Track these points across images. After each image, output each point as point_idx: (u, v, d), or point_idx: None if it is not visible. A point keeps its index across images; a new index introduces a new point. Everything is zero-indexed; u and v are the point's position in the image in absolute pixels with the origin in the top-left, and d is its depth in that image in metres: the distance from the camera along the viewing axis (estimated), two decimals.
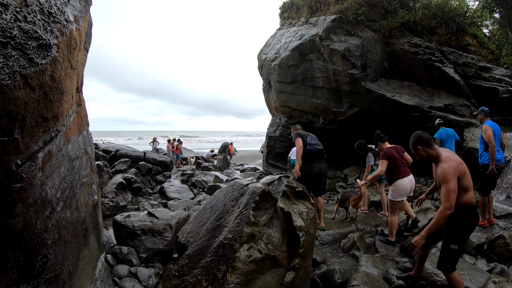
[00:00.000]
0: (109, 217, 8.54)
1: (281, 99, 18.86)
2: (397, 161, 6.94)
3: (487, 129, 6.89)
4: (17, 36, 2.69)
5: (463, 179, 3.94)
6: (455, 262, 4.18)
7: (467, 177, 3.98)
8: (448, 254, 4.17)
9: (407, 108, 13.84)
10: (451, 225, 4.16)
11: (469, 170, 4.11)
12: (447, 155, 4.09)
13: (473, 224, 4.13)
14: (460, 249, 4.16)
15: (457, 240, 4.12)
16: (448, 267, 4.19)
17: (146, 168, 14.28)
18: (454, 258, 4.16)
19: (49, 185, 3.40)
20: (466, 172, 3.99)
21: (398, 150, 7.21)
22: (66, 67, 3.64)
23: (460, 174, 3.92)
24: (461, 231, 4.13)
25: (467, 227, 4.13)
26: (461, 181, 3.93)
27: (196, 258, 4.01)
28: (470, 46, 14.32)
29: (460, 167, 3.94)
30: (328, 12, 16.52)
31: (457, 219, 4.10)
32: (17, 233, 2.86)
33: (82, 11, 4.51)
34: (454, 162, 3.96)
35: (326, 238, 7.08)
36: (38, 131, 3.12)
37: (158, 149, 26.22)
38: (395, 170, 6.84)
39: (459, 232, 4.13)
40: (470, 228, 4.16)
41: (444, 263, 4.22)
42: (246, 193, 4.51)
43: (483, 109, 7.40)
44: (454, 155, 4.16)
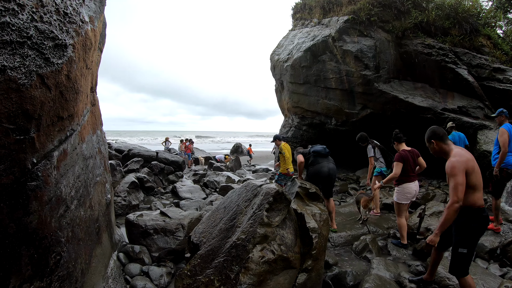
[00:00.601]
0: (121, 215, 8.59)
1: (294, 100, 18.83)
2: (410, 165, 6.93)
3: (504, 132, 6.86)
4: (33, 36, 2.72)
5: (471, 176, 3.91)
6: (466, 266, 4.13)
7: (476, 175, 3.95)
8: (458, 258, 4.14)
9: (420, 110, 13.73)
10: (459, 228, 4.14)
11: (481, 173, 4.07)
12: (458, 151, 4.08)
13: (482, 227, 4.07)
14: (470, 252, 4.10)
15: (465, 243, 4.08)
16: (459, 271, 4.16)
17: (159, 167, 14.33)
18: (465, 262, 4.11)
19: (63, 183, 3.42)
20: (476, 169, 3.97)
21: (413, 154, 7.21)
22: (82, 67, 3.67)
23: (469, 169, 3.89)
24: (469, 234, 4.08)
25: (475, 230, 4.07)
26: (470, 178, 3.90)
27: (208, 258, 4.01)
28: (484, 47, 14.16)
29: (469, 163, 3.92)
30: (341, 13, 16.46)
31: (465, 222, 4.07)
32: (32, 230, 2.89)
33: (97, 11, 4.54)
34: (463, 157, 3.95)
35: (338, 240, 7.05)
36: (54, 130, 3.15)
37: (170, 149, 26.30)
38: (405, 173, 6.80)
39: (467, 236, 4.08)
40: (479, 231, 4.10)
41: (455, 267, 4.20)
42: (259, 194, 4.51)
43: (502, 111, 7.41)
44: (465, 151, 4.14)
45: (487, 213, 4.10)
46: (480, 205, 3.99)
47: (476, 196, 3.97)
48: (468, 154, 4.10)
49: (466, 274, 4.14)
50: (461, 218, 4.04)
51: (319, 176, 7.48)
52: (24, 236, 2.82)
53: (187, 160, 23.40)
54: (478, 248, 6.24)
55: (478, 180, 3.96)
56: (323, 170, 7.49)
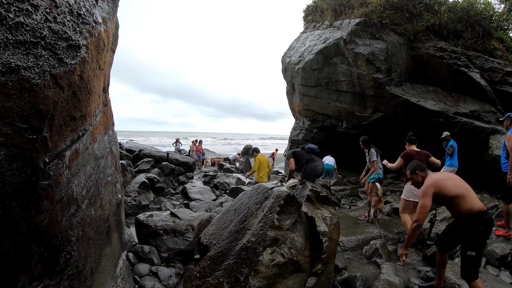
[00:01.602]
0: (131, 215, 8.63)
1: (305, 103, 18.81)
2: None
3: (511, 137, 6.78)
4: (47, 36, 2.74)
5: (448, 190, 4.26)
6: (475, 269, 4.21)
7: (454, 186, 4.28)
8: (467, 261, 4.24)
9: (432, 114, 13.64)
10: (465, 234, 4.28)
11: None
12: (431, 175, 4.57)
13: (485, 229, 4.16)
14: (479, 255, 4.18)
15: (472, 246, 4.19)
16: (469, 275, 4.23)
17: (169, 168, 14.40)
18: (474, 265, 4.20)
19: (75, 183, 3.44)
20: (452, 182, 4.34)
21: (422, 155, 7.38)
22: (95, 67, 3.69)
23: (441, 187, 4.28)
24: (474, 238, 4.18)
25: (479, 234, 4.17)
26: (447, 192, 4.26)
27: (218, 260, 4.01)
28: (496, 51, 14.04)
29: (440, 183, 4.31)
30: (353, 16, 16.42)
31: (468, 228, 4.22)
32: (43, 229, 2.90)
33: (110, 12, 4.57)
34: (432, 180, 4.38)
35: (348, 244, 7.02)
36: (66, 129, 3.17)
37: (181, 149, 26.38)
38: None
39: (473, 240, 4.20)
40: (484, 233, 4.18)
41: (465, 271, 4.27)
42: (270, 197, 4.50)
43: (509, 115, 7.29)
44: (440, 174, 4.61)
45: (489, 215, 4.21)
46: (479, 209, 4.15)
47: (468, 203, 4.19)
48: (442, 175, 4.56)
49: (476, 278, 4.21)
50: (464, 225, 4.26)
51: (315, 173, 8.22)
52: (35, 234, 2.84)
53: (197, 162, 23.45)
54: (488, 255, 6.20)
55: (460, 189, 4.27)
56: (319, 168, 8.29)
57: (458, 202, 4.23)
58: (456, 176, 4.53)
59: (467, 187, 4.35)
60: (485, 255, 4.46)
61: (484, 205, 4.23)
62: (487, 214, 4.17)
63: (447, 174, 4.53)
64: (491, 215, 4.23)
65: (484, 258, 6.21)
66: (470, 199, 4.21)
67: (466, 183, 4.47)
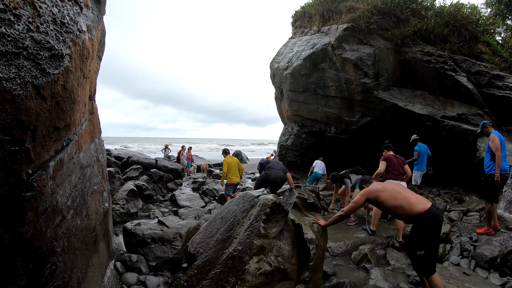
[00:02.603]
0: (120, 223, 8.57)
1: (293, 108, 18.85)
2: (394, 165, 7.91)
3: (495, 138, 7.11)
4: (29, 47, 2.71)
5: (380, 200, 4.70)
6: (430, 265, 4.48)
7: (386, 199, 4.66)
8: (418, 260, 4.56)
9: (420, 118, 13.73)
10: (412, 234, 4.64)
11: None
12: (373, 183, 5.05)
13: (430, 227, 4.40)
14: (429, 253, 4.44)
15: (420, 245, 4.48)
16: (425, 271, 4.53)
17: (158, 175, 14.35)
18: (426, 262, 4.48)
19: (59, 193, 3.41)
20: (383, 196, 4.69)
21: (399, 159, 8.13)
22: (79, 76, 3.66)
23: (371, 196, 4.76)
24: (421, 237, 4.47)
25: (426, 232, 4.43)
26: (380, 202, 4.72)
27: (205, 269, 4.00)
28: (483, 54, 14.21)
29: (373, 193, 4.76)
30: (340, 21, 16.51)
31: (414, 228, 4.58)
32: (27, 241, 2.87)
33: (95, 20, 4.54)
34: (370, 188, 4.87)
35: (337, 250, 7.02)
36: (50, 140, 3.13)
37: (170, 156, 26.29)
38: (389, 172, 7.79)
39: (420, 238, 4.49)
40: (430, 231, 4.43)
41: (420, 268, 4.64)
42: (257, 205, 4.49)
43: (484, 122, 7.72)
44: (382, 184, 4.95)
45: (432, 214, 4.39)
46: (419, 211, 4.42)
47: (407, 210, 4.50)
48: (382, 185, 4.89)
49: (433, 273, 4.49)
50: (413, 226, 4.62)
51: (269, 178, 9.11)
52: (19, 246, 2.80)
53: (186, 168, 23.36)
54: (478, 257, 6.29)
55: (397, 201, 4.60)
56: (272, 176, 9.11)
57: (398, 211, 4.60)
58: (395, 187, 4.80)
59: (406, 195, 4.62)
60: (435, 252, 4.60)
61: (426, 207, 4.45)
62: (429, 214, 4.38)
63: (387, 186, 4.82)
64: (435, 214, 4.41)
65: (474, 261, 6.28)
66: (409, 206, 4.49)
67: (405, 190, 4.82)
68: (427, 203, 4.51)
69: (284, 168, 9.58)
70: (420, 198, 4.65)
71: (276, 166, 9.43)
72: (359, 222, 8.80)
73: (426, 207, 4.43)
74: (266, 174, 9.05)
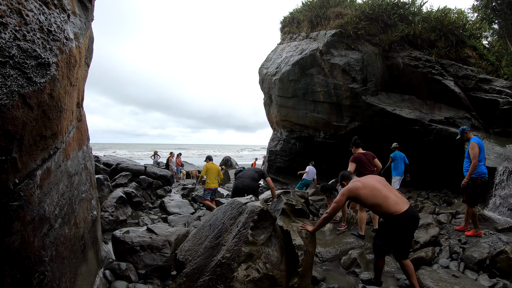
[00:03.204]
0: (109, 231, 8.51)
1: (282, 114, 18.90)
2: (365, 164, 8.11)
3: (475, 145, 7.46)
4: (15, 55, 2.69)
5: (361, 197, 4.87)
6: (381, 253, 5.12)
7: (367, 196, 4.83)
8: (374, 246, 5.20)
9: (408, 122, 13.84)
10: (380, 226, 5.25)
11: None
12: (353, 181, 5.12)
13: (396, 229, 4.76)
14: (384, 245, 5.02)
15: (380, 238, 5.05)
16: (376, 254, 5.22)
17: (147, 182, 14.28)
18: (379, 250, 5.10)
19: (47, 202, 3.39)
20: (370, 191, 4.84)
21: (368, 156, 8.40)
22: (66, 85, 3.65)
23: (352, 195, 4.92)
24: (384, 232, 5.01)
25: (389, 230, 4.88)
26: (361, 199, 4.89)
27: (194, 277, 3.99)
28: (469, 58, 14.38)
29: (354, 191, 4.89)
30: (329, 27, 16.62)
31: (384, 224, 5.00)
32: (15, 251, 2.84)
33: (82, 28, 4.53)
34: (350, 186, 4.99)
35: (326, 255, 7.03)
36: (37, 149, 3.12)
37: (159, 162, 26.18)
38: (361, 173, 7.80)
39: (383, 233, 5.05)
40: (393, 231, 4.82)
41: (374, 250, 5.27)
42: (244, 212, 4.50)
43: (463, 128, 8.10)
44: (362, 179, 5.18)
45: (401, 220, 4.68)
46: (394, 212, 4.67)
47: (386, 206, 4.73)
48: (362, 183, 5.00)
49: (380, 258, 5.18)
50: (384, 222, 4.97)
51: (236, 188, 9.05)
52: (7, 256, 2.77)
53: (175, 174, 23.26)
54: (467, 260, 6.36)
55: (376, 198, 4.80)
56: (239, 185, 8.99)
57: (376, 209, 4.84)
58: (375, 184, 4.94)
59: (385, 194, 4.81)
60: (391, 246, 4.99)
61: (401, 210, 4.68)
62: (400, 219, 4.66)
63: (367, 183, 4.96)
64: (406, 219, 4.68)
65: (463, 263, 6.34)
66: (386, 205, 4.72)
67: (387, 189, 4.96)
68: (403, 206, 4.73)
69: (256, 176, 9.39)
70: (399, 199, 4.84)
71: (246, 174, 9.32)
72: (348, 227, 8.77)
73: (401, 211, 4.66)
74: (235, 183, 9.13)
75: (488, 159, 10.91)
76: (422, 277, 5.45)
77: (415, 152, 13.92)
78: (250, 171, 9.37)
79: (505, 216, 9.11)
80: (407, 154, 11.65)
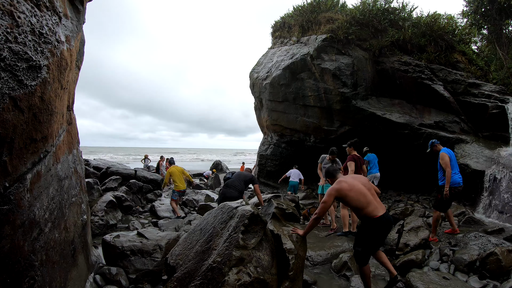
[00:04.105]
0: (99, 235, 8.45)
1: (273, 118, 18.90)
2: (357, 168, 8.62)
3: (444, 156, 7.67)
4: (7, 58, 2.68)
5: (347, 199, 4.94)
6: (364, 260, 5.07)
7: (352, 198, 4.91)
8: (356, 254, 5.16)
9: (398, 126, 13.93)
10: (358, 232, 5.26)
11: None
12: (342, 179, 5.16)
13: (373, 231, 4.93)
14: (365, 251, 5.03)
15: (359, 244, 5.08)
16: (359, 262, 5.14)
17: (137, 186, 14.21)
18: (361, 257, 5.07)
19: (37, 206, 3.36)
20: (349, 196, 4.91)
21: (360, 160, 8.96)
22: (56, 87, 3.63)
23: (340, 195, 4.95)
24: (363, 237, 5.07)
25: (367, 234, 4.99)
26: (347, 201, 4.97)
27: (185, 281, 3.97)
28: (459, 63, 14.54)
29: (341, 192, 4.93)
30: (319, 32, 16.69)
31: (360, 227, 5.18)
32: (4, 255, 2.82)
33: (74, 30, 4.51)
34: (338, 187, 4.97)
35: (317, 259, 7.03)
36: (27, 152, 3.10)
37: (150, 166, 26.07)
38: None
39: (361, 238, 5.09)
40: (371, 234, 4.96)
41: (356, 260, 5.19)
42: (235, 216, 4.49)
43: (433, 141, 8.42)
44: (349, 179, 5.16)
45: (379, 223, 4.87)
46: (374, 216, 4.83)
47: (367, 211, 4.87)
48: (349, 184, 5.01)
49: (365, 265, 5.11)
50: (361, 225, 5.15)
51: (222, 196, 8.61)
52: None
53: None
54: (457, 262, 6.37)
55: (359, 202, 4.90)
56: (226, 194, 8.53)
57: (358, 212, 4.97)
58: (361, 189, 5.00)
59: (369, 200, 4.94)
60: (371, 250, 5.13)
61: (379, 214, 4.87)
62: (378, 221, 4.85)
63: (354, 186, 5.00)
64: (383, 222, 4.89)
65: (453, 265, 6.38)
66: (368, 210, 4.86)
67: (370, 193, 5.07)
68: (381, 211, 4.92)
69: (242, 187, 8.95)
70: (378, 204, 5.01)
71: (233, 184, 8.93)
72: (338, 230, 8.79)
73: (379, 214, 4.85)
74: (222, 192, 8.97)
75: (477, 163, 11.03)
76: (413, 279, 5.49)
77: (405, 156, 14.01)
78: (237, 181, 9.08)
79: (494, 218, 9.20)
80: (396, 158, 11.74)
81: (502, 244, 6.63)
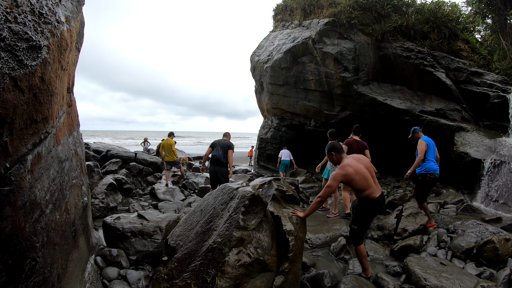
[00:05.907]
0: (99, 218, 8.50)
1: (273, 101, 18.88)
2: (354, 150, 8.46)
3: (422, 143, 7.85)
4: (6, 38, 2.66)
5: (353, 183, 5.02)
6: (359, 238, 5.28)
7: (358, 182, 4.99)
8: (352, 232, 5.37)
9: (399, 112, 13.91)
10: (355, 211, 5.30)
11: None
12: (346, 162, 5.12)
13: (369, 211, 5.17)
14: (360, 229, 5.25)
15: (356, 222, 5.26)
16: (354, 241, 5.34)
17: (137, 169, 14.25)
18: (357, 235, 5.28)
19: (38, 187, 3.37)
20: (359, 176, 4.99)
21: (360, 144, 8.77)
22: (57, 68, 3.61)
23: (347, 179, 4.99)
24: (359, 216, 5.23)
25: (364, 213, 5.19)
26: (352, 184, 5.06)
27: (185, 262, 3.99)
28: (462, 51, 14.46)
29: (348, 176, 4.96)
30: (322, 15, 16.58)
31: (358, 207, 5.24)
32: (6, 236, 2.83)
33: (74, 11, 4.47)
34: (345, 171, 4.97)
35: (316, 242, 7.07)
36: (27, 133, 3.09)
37: (150, 149, 26.08)
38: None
39: (358, 216, 5.25)
40: (367, 213, 5.20)
41: (351, 238, 5.42)
42: (235, 197, 4.51)
43: (414, 128, 8.47)
44: (353, 162, 5.12)
45: (375, 204, 5.10)
46: (373, 197, 5.05)
47: (368, 192, 5.05)
48: (353, 166, 5.05)
49: (360, 244, 5.29)
50: (359, 205, 5.22)
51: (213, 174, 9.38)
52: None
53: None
54: (454, 248, 6.39)
55: (364, 185, 5.03)
56: (210, 169, 9.43)
57: (359, 193, 5.12)
58: (365, 175, 5.09)
59: (371, 183, 5.09)
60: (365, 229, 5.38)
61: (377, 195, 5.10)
62: (374, 203, 5.09)
63: (359, 170, 5.04)
64: (379, 202, 5.14)
65: (450, 252, 6.42)
66: (369, 191, 5.05)
67: (371, 176, 5.22)
68: (379, 192, 5.15)
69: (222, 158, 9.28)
70: (377, 186, 5.21)
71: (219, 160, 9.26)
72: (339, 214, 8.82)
73: (377, 196, 5.09)
74: (213, 170, 9.38)
75: (477, 151, 11.02)
76: (411, 264, 5.51)
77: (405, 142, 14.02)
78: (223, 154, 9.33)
79: (492, 208, 9.22)
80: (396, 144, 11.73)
81: (499, 233, 6.66)
